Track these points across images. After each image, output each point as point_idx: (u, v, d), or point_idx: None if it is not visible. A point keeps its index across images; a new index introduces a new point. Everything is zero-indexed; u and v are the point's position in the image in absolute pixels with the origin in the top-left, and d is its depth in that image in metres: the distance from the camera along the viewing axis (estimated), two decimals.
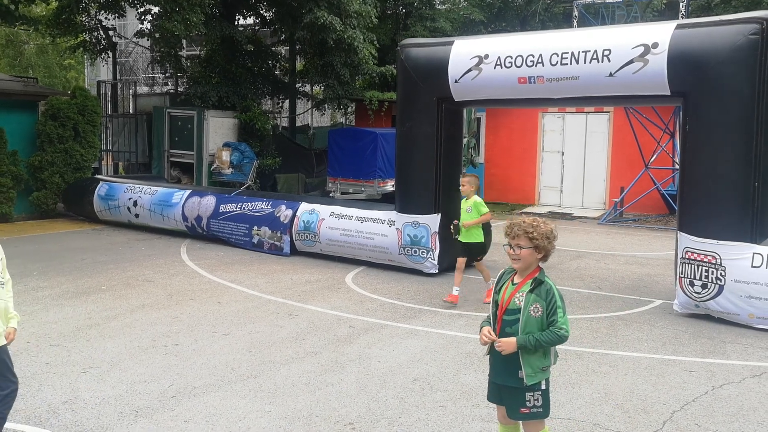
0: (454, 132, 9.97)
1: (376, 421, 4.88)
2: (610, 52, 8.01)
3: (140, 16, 18.07)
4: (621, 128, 17.66)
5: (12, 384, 3.98)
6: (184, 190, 12.99)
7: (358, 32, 17.62)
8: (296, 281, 9.37)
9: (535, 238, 3.63)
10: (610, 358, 6.36)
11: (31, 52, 36.94)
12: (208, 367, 5.92)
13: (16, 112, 14.94)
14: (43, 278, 9.19)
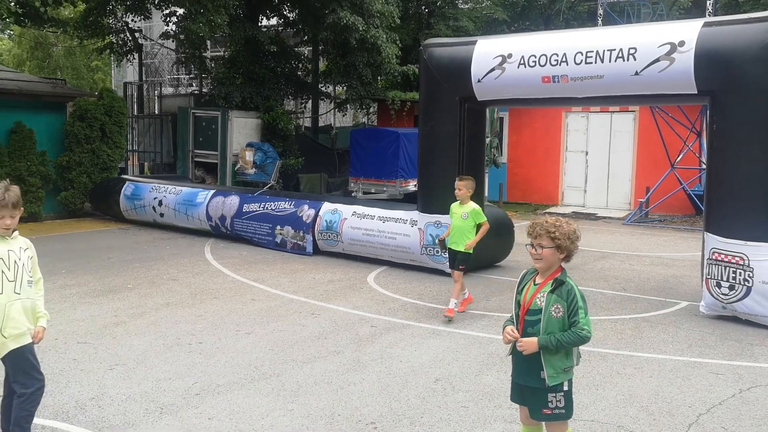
0: (476, 131, 9.94)
1: (397, 421, 4.89)
2: (635, 51, 7.93)
3: (165, 17, 18.27)
4: (646, 127, 17.47)
5: (38, 382, 4.04)
6: (208, 190, 13.10)
7: (381, 32, 17.64)
8: (318, 280, 9.41)
9: (557, 238, 3.61)
10: (635, 360, 6.30)
11: (60, 54, 37.52)
12: (232, 365, 5.97)
13: (45, 113, 15.17)
14: (71, 276, 9.33)
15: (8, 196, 3.92)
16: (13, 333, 3.92)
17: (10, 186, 3.99)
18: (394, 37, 18.59)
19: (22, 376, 3.98)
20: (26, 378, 3.99)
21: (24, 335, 3.97)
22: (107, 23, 19.08)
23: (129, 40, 20.53)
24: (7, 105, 14.44)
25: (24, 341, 3.97)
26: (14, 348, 3.93)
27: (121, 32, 20.22)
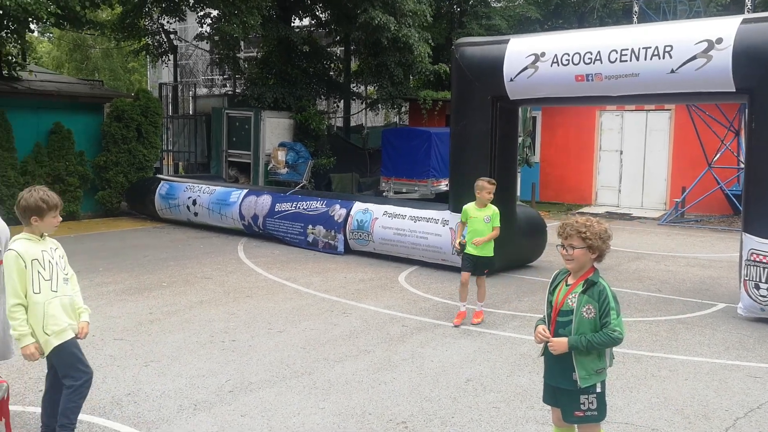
0: (509, 131, 9.89)
1: (428, 421, 4.88)
2: (671, 49, 7.81)
3: (200, 19, 18.50)
4: (683, 126, 17.18)
5: (85, 374, 4.14)
6: (241, 190, 13.24)
7: (413, 31, 17.62)
8: (350, 280, 9.44)
9: (588, 238, 3.57)
10: (670, 362, 6.20)
11: (97, 56, 38.26)
12: (264, 363, 6.03)
13: (83, 114, 15.48)
14: (108, 274, 9.51)
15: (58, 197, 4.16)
16: (54, 330, 4.02)
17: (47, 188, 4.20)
18: (426, 36, 18.56)
19: (70, 370, 4.08)
20: (74, 371, 4.09)
21: (65, 331, 4.07)
22: (143, 25, 19.39)
23: (164, 42, 20.84)
24: (47, 106, 14.77)
25: (66, 337, 4.07)
26: (58, 344, 4.03)
27: (157, 34, 20.53)
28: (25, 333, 3.96)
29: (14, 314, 3.94)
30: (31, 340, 3.98)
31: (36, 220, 4.04)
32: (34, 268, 3.99)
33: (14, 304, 3.93)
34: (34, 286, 3.97)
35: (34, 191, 4.09)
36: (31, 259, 3.98)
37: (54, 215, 4.13)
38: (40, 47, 38.90)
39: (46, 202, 4.05)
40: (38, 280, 4.00)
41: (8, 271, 3.95)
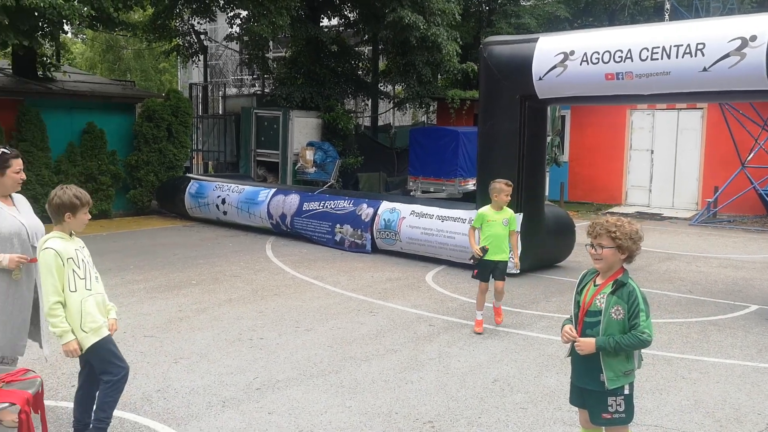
0: (537, 130, 9.82)
1: (455, 420, 4.88)
2: (704, 46, 7.69)
3: (230, 20, 18.68)
4: (715, 125, 16.90)
5: (122, 369, 4.22)
6: (269, 189, 13.33)
7: (442, 29, 17.59)
8: (377, 279, 9.46)
9: (618, 237, 3.53)
10: (701, 364, 6.12)
11: (129, 57, 38.81)
12: (291, 361, 6.07)
13: (115, 114, 15.72)
14: (138, 272, 9.65)
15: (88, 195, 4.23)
16: (92, 327, 4.10)
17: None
18: (455, 35, 18.52)
19: (108, 366, 4.16)
20: (112, 367, 4.17)
21: (102, 328, 4.16)
22: (174, 26, 19.64)
23: (195, 43, 21.08)
24: (80, 106, 15.03)
25: (103, 334, 4.16)
26: (95, 341, 4.11)
27: (187, 35, 20.78)
28: (66, 329, 4.03)
29: (55, 311, 4.01)
30: (72, 336, 4.05)
31: (69, 216, 4.11)
32: (70, 266, 4.07)
33: (55, 302, 4.00)
34: (70, 285, 4.05)
35: (66, 189, 4.16)
36: (66, 258, 4.06)
37: (85, 212, 4.20)
38: (73, 48, 39.58)
39: (80, 199, 4.13)
40: (74, 278, 4.08)
41: (47, 269, 4.02)
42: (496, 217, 6.98)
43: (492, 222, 6.96)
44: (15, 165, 4.51)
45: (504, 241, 6.98)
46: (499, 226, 6.95)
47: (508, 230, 7.00)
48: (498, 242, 6.94)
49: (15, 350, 4.55)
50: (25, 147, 13.38)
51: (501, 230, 6.95)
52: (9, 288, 4.43)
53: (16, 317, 4.49)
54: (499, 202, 6.99)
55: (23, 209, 4.64)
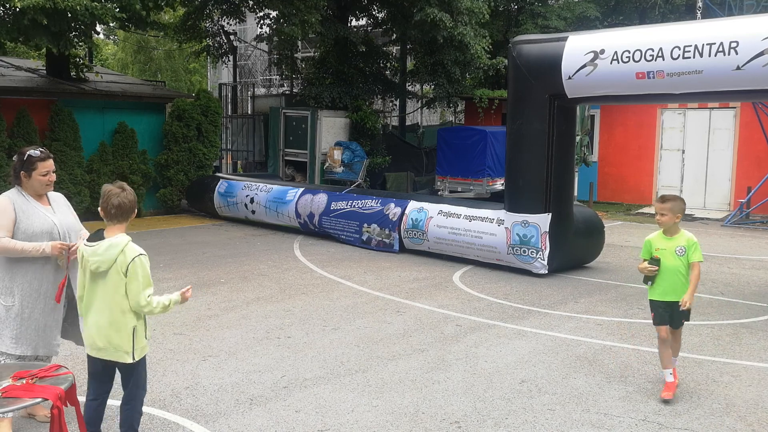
0: (566, 129, 9.73)
1: (482, 421, 4.86)
2: (737, 44, 7.56)
3: (259, 20, 18.82)
4: (748, 124, 16.60)
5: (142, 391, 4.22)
6: (297, 188, 13.41)
7: (469, 28, 17.53)
8: (404, 278, 9.46)
9: None
10: (733, 367, 6.02)
11: (160, 57, 39.27)
12: (319, 360, 6.10)
13: (146, 114, 15.93)
14: (168, 270, 9.76)
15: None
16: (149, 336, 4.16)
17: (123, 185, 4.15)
18: (484, 33, 18.43)
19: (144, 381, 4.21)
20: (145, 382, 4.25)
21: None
22: (204, 27, 19.84)
23: (224, 43, 21.27)
24: (112, 106, 15.25)
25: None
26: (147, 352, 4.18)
27: (217, 35, 20.97)
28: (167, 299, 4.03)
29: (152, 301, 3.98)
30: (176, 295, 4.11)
31: (134, 215, 4.13)
32: None
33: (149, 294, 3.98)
34: None
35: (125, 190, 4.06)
36: None
37: None
38: (105, 49, 40.19)
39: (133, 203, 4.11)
40: None
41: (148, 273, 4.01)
42: (665, 245, 5.38)
43: (662, 251, 5.37)
44: (41, 168, 4.49)
45: (682, 277, 5.33)
46: (671, 256, 5.33)
47: (685, 262, 5.32)
48: (673, 277, 5.33)
49: (50, 349, 4.61)
50: (58, 147, 13.63)
51: (675, 261, 5.32)
52: (41, 287, 4.50)
53: (48, 316, 4.55)
54: (659, 223, 5.41)
55: (59, 209, 4.69)
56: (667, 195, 5.47)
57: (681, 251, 5.30)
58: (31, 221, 4.47)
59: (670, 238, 5.37)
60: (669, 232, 5.38)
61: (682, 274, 5.31)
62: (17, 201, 4.51)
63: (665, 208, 5.30)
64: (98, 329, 4.00)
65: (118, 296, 3.95)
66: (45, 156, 4.55)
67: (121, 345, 3.98)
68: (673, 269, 5.31)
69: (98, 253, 3.94)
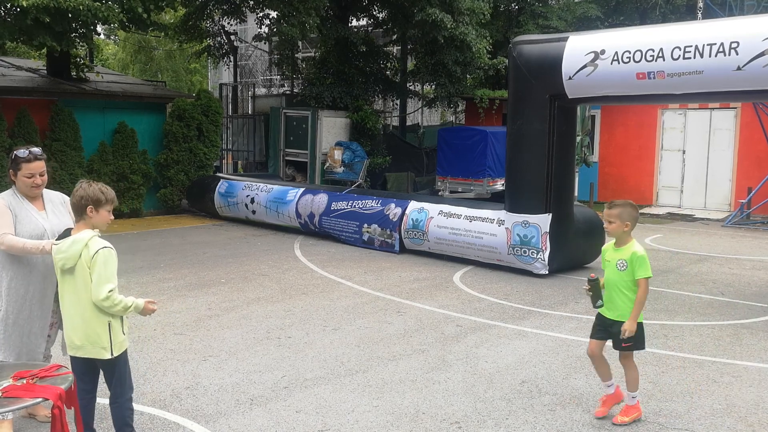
0: (566, 130, 9.74)
1: (482, 422, 4.86)
2: (738, 45, 7.56)
3: (259, 20, 18.83)
4: (749, 125, 16.60)
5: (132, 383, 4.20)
6: (298, 188, 13.41)
7: (471, 28, 17.53)
8: (404, 279, 9.46)
9: None
10: (733, 368, 6.02)
11: (160, 57, 39.27)
12: (319, 360, 6.10)
13: (146, 114, 15.93)
14: (169, 270, 9.77)
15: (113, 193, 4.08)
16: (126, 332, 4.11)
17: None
18: (485, 33, 18.44)
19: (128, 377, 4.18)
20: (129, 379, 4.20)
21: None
22: (205, 27, 19.85)
23: (225, 43, 21.27)
24: (112, 106, 15.26)
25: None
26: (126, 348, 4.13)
27: (218, 35, 20.98)
28: (131, 302, 3.92)
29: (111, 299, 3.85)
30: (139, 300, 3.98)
31: (91, 210, 3.92)
32: None
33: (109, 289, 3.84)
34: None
35: (93, 183, 4.00)
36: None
37: (109, 210, 4.01)
38: (106, 49, 40.19)
39: (104, 194, 3.96)
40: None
41: (112, 266, 3.89)
42: (611, 256, 4.92)
43: (607, 263, 4.95)
44: (25, 169, 4.34)
45: (620, 292, 4.81)
46: (612, 268, 4.86)
47: (627, 277, 4.77)
48: (612, 291, 4.86)
49: (33, 356, 4.48)
50: (58, 146, 13.64)
51: (615, 275, 4.83)
52: (27, 293, 4.42)
53: (34, 322, 4.45)
54: (607, 232, 4.98)
55: (54, 211, 4.56)
56: (617, 201, 4.98)
57: (622, 265, 4.77)
58: (22, 226, 4.37)
59: (617, 249, 4.87)
60: (618, 242, 4.88)
61: (621, 291, 4.78)
62: (12, 202, 4.41)
63: (612, 215, 4.83)
64: (73, 327, 3.97)
65: (87, 292, 3.89)
66: (31, 158, 4.37)
67: (98, 340, 3.93)
68: (612, 284, 4.84)
69: (62, 251, 3.91)
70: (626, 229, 4.79)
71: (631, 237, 4.85)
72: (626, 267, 4.75)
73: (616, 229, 4.82)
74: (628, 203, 4.89)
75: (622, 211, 4.81)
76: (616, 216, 4.81)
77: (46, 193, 4.62)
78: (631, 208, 4.84)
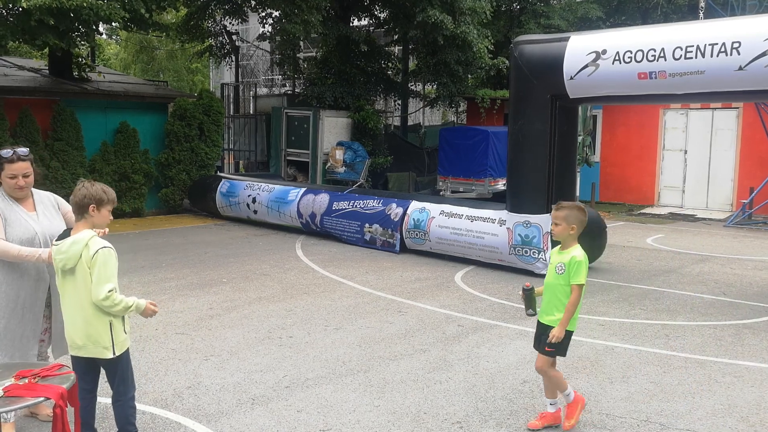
0: (568, 130, 9.74)
1: (483, 422, 4.86)
2: (739, 45, 7.56)
3: (262, 19, 18.83)
4: (751, 125, 16.59)
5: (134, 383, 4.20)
6: (299, 188, 13.41)
7: (472, 28, 17.53)
8: (406, 278, 9.46)
9: None
10: (735, 368, 6.01)
11: (162, 57, 39.31)
12: (320, 359, 6.10)
13: (148, 114, 15.94)
14: (171, 270, 9.77)
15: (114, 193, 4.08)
16: (127, 330, 4.11)
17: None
18: (486, 32, 18.44)
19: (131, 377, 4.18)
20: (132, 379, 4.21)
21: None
22: (206, 27, 19.86)
23: (227, 43, 21.27)
24: (114, 106, 15.27)
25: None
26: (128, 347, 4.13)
27: (220, 35, 20.98)
28: (132, 302, 3.92)
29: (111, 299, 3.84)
30: (141, 300, 3.98)
31: (93, 209, 3.92)
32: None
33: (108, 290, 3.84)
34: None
35: (95, 183, 4.00)
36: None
37: (109, 209, 4.01)
38: (108, 49, 40.23)
39: (106, 193, 3.97)
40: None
41: (112, 266, 3.89)
42: (554, 259, 4.78)
43: (550, 265, 4.81)
44: (8, 170, 4.24)
45: (556, 297, 4.70)
46: (551, 272, 4.76)
47: (563, 281, 4.64)
48: (548, 295, 4.77)
49: (25, 360, 4.43)
50: (60, 146, 13.65)
51: (553, 279, 4.73)
52: (19, 297, 4.37)
53: (26, 327, 4.40)
54: (553, 234, 4.80)
55: (45, 212, 4.47)
56: (564, 203, 4.79)
57: (560, 269, 4.64)
58: (12, 228, 4.28)
59: (560, 252, 4.73)
60: (563, 245, 4.74)
61: (556, 296, 4.66)
62: (0, 205, 4.32)
63: (559, 217, 4.66)
64: (74, 327, 3.97)
65: (88, 292, 3.89)
66: (14, 158, 4.26)
67: (100, 340, 3.94)
68: (547, 288, 4.75)
69: (62, 251, 3.91)
70: (572, 233, 4.63)
71: (576, 241, 4.68)
72: (564, 271, 4.61)
73: (561, 232, 4.64)
74: (576, 206, 4.70)
75: (568, 213, 4.63)
76: (563, 218, 4.63)
77: (36, 194, 4.53)
78: (578, 211, 4.65)
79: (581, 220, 4.65)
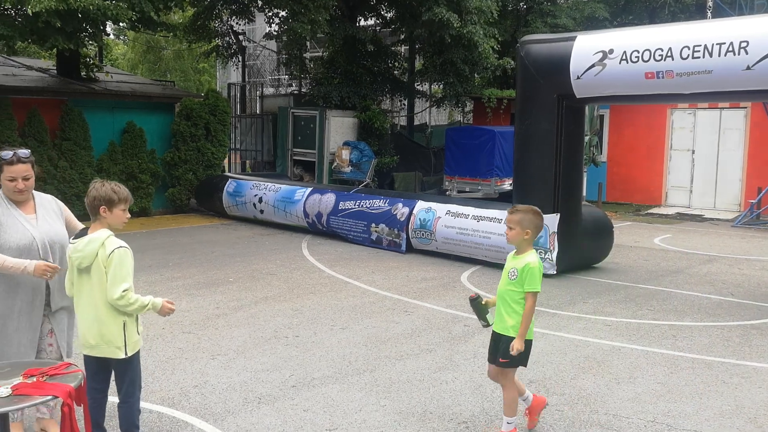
0: (575, 129, 9.71)
1: (490, 422, 4.86)
2: (747, 44, 7.53)
3: (268, 19, 18.86)
4: (759, 124, 16.52)
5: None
6: (305, 188, 13.43)
7: (478, 27, 17.52)
8: (412, 278, 9.46)
9: None
10: (742, 368, 5.99)
11: (169, 57, 39.42)
12: (327, 359, 6.11)
13: (155, 114, 15.98)
14: (178, 269, 9.80)
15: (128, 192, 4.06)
16: (141, 331, 4.13)
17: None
18: (493, 32, 18.42)
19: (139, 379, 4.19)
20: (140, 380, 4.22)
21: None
22: (213, 27, 19.91)
23: (233, 43, 21.31)
24: (121, 106, 15.32)
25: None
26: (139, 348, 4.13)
27: (226, 35, 21.03)
28: (148, 300, 3.95)
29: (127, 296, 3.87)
30: (157, 299, 4.01)
31: (104, 210, 3.89)
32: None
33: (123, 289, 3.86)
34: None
35: (106, 182, 3.97)
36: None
37: (123, 208, 3.97)
38: (115, 49, 40.37)
39: (117, 193, 3.93)
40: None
41: (128, 266, 3.93)
42: (508, 264, 4.65)
43: (504, 271, 4.66)
44: (7, 172, 4.06)
45: (507, 305, 4.51)
46: (504, 277, 4.61)
47: (515, 288, 4.48)
48: (500, 304, 4.59)
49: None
50: (68, 146, 13.71)
51: (504, 285, 4.57)
52: (15, 304, 4.20)
53: (22, 334, 4.24)
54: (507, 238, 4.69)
55: (45, 217, 4.28)
56: (519, 206, 4.60)
57: (513, 274, 4.48)
58: (8, 235, 4.07)
59: (515, 257, 4.57)
60: (518, 250, 4.58)
61: (508, 303, 4.47)
62: None
63: (513, 221, 4.47)
64: (88, 325, 3.97)
65: (102, 291, 3.89)
66: (14, 160, 4.08)
67: (113, 339, 3.94)
68: (500, 294, 4.57)
69: (79, 249, 3.90)
70: (526, 237, 4.44)
71: (531, 247, 4.50)
72: (516, 277, 4.43)
73: (515, 236, 4.47)
74: (531, 209, 4.49)
75: (523, 217, 4.43)
76: (517, 222, 4.44)
77: (38, 197, 4.33)
78: (534, 215, 4.46)
79: (537, 224, 4.48)
